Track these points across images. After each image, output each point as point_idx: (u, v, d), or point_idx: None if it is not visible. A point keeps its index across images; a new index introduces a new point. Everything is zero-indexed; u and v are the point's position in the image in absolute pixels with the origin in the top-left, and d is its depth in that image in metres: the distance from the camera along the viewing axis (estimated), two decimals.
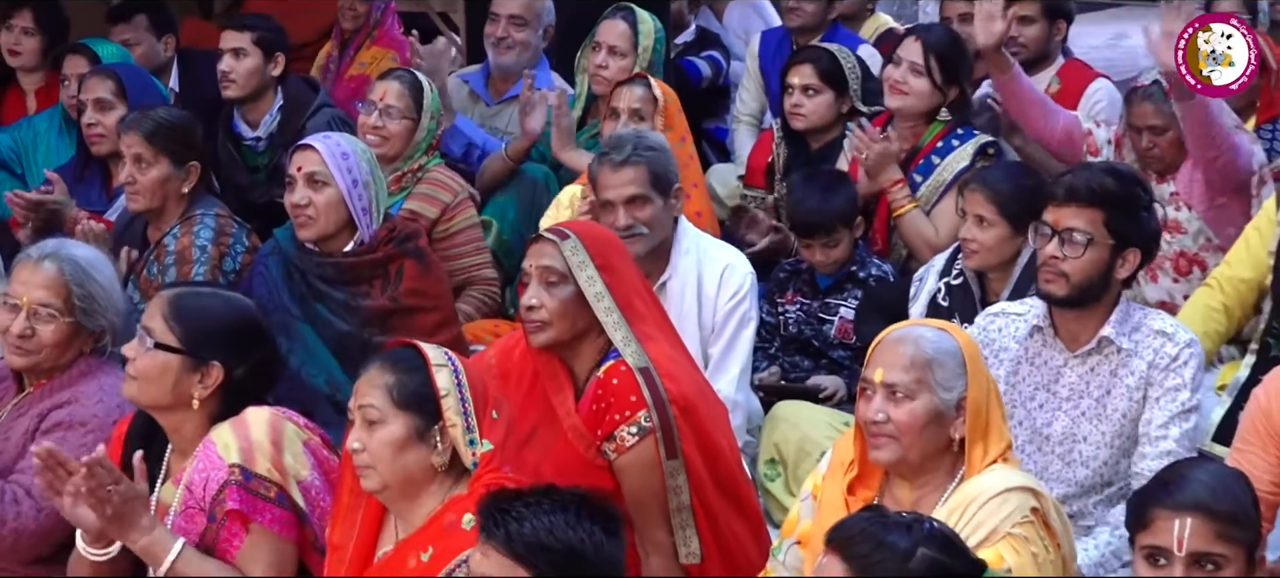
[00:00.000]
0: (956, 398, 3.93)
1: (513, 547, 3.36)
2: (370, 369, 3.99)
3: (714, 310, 5.56)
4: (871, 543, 3.22)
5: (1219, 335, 5.96)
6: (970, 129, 6.64)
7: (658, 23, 7.35)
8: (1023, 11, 7.29)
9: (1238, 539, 3.49)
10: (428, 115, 6.45)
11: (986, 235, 5.49)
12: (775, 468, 5.66)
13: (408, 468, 3.92)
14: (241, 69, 6.99)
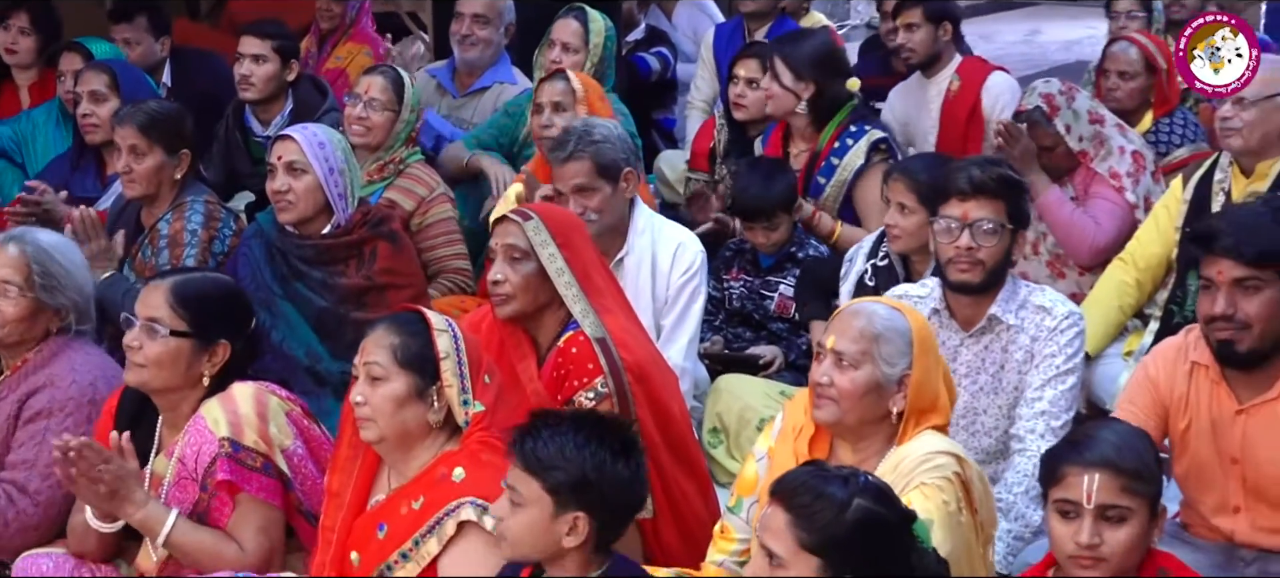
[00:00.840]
0: (898, 373, 3.95)
1: (526, 461, 3.49)
2: (377, 329, 4.03)
3: (667, 285, 5.57)
4: (811, 494, 3.25)
5: (1131, 307, 6.01)
6: (862, 127, 6.63)
7: (608, 21, 7.38)
8: (908, 20, 7.35)
9: (1141, 493, 3.51)
10: (408, 108, 6.43)
11: (908, 221, 5.53)
12: (718, 436, 5.69)
13: (405, 423, 3.95)
14: (260, 73, 6.96)
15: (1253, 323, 4.22)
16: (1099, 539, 3.48)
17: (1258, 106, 5.75)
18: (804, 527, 3.22)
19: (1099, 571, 3.50)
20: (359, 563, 3.97)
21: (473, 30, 7.58)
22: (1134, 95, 7.01)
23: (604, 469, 3.50)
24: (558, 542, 3.48)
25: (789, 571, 3.22)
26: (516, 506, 3.49)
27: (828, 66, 6.70)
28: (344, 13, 8.44)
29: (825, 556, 3.22)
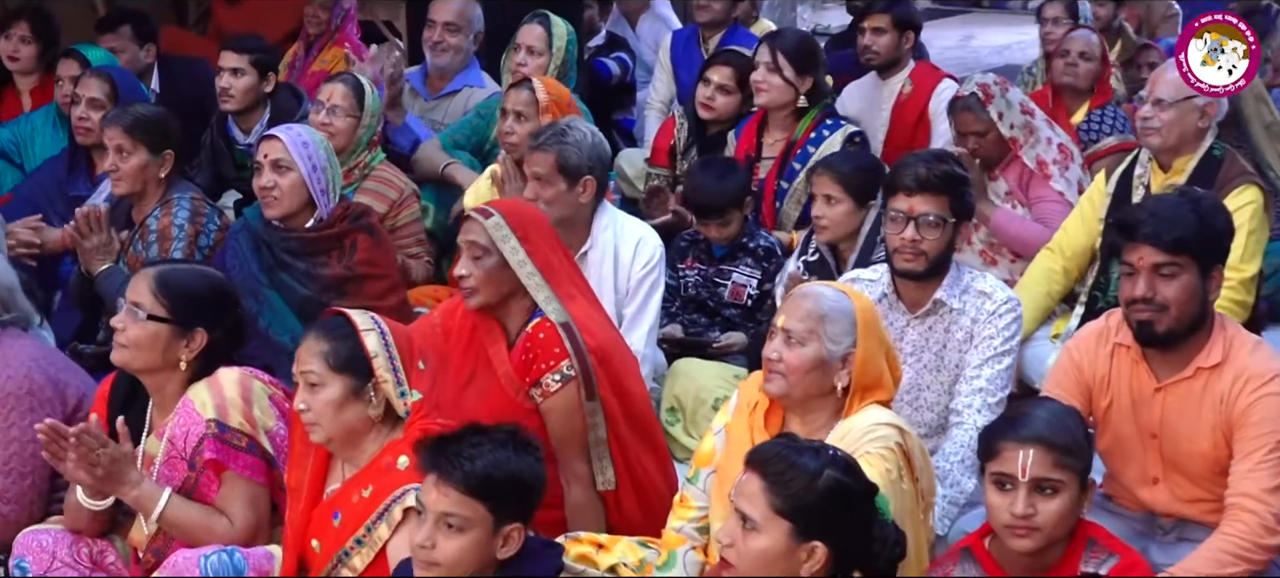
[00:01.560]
0: (843, 351, 3.98)
1: (470, 483, 3.37)
2: (308, 339, 4.02)
3: (628, 277, 5.57)
4: (785, 463, 3.27)
5: (1058, 293, 6.04)
6: (838, 120, 6.71)
7: (570, 27, 7.41)
8: (876, 24, 7.37)
9: (1072, 467, 3.54)
10: (368, 113, 6.41)
11: (834, 211, 5.57)
12: (675, 415, 5.70)
13: (348, 422, 3.95)
14: (239, 86, 6.92)
15: (1170, 306, 4.23)
16: (1033, 510, 3.50)
17: (1176, 108, 5.80)
18: (777, 493, 3.25)
19: (1032, 539, 3.52)
20: (320, 550, 3.97)
21: (444, 37, 7.58)
22: (1087, 77, 7.07)
23: (529, 470, 3.47)
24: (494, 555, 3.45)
25: (762, 533, 3.25)
26: (454, 530, 3.40)
27: (820, 62, 6.82)
28: (329, 19, 8.44)
29: (795, 521, 3.25)
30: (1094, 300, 5.83)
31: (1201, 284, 4.26)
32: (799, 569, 3.27)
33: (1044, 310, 5.99)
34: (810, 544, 3.26)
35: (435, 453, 3.43)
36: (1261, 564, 4.17)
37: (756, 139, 6.76)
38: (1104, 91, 7.25)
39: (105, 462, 4.06)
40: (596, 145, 5.60)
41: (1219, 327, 4.35)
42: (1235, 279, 5.44)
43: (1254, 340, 4.38)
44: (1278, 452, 4.21)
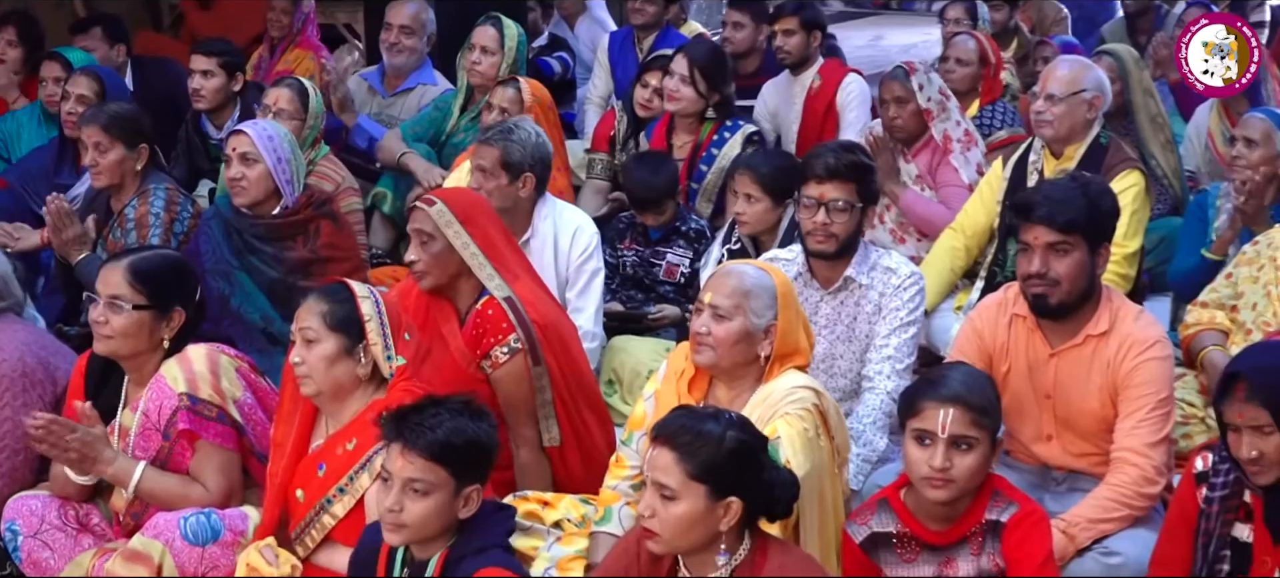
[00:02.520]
0: (765, 323, 3.98)
1: (432, 450, 3.36)
2: (309, 299, 4.02)
3: (568, 262, 5.57)
4: (692, 433, 3.26)
5: (961, 268, 6.06)
6: (737, 122, 6.76)
7: (520, 28, 7.39)
8: (786, 27, 7.39)
9: (986, 426, 3.55)
10: (312, 115, 6.36)
11: (753, 209, 5.57)
12: (613, 386, 5.71)
13: (337, 377, 3.94)
14: (209, 86, 6.86)
15: (1062, 280, 4.27)
16: (950, 464, 3.52)
17: (1066, 102, 5.84)
18: (690, 461, 3.24)
19: (948, 490, 3.54)
20: (303, 498, 3.96)
21: (400, 39, 7.57)
22: (965, 81, 7.14)
23: (485, 436, 3.46)
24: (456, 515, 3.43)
25: (681, 500, 3.24)
26: (420, 494, 3.38)
27: (729, 76, 6.85)
28: (291, 23, 8.42)
29: (710, 482, 3.24)
30: (993, 275, 5.87)
31: (1090, 260, 4.30)
32: (718, 525, 3.28)
33: (948, 285, 6.03)
34: (726, 501, 3.27)
35: (399, 423, 3.42)
36: (1143, 510, 4.21)
37: (666, 140, 6.78)
38: (992, 90, 7.29)
39: (76, 446, 4.05)
40: (539, 145, 5.58)
41: (1106, 298, 4.39)
42: (1120, 255, 5.49)
43: (1137, 310, 4.43)
44: (1158, 410, 4.26)
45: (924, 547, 3.61)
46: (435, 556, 3.44)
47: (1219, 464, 3.68)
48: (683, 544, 3.29)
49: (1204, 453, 3.75)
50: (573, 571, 4.17)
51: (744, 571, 3.29)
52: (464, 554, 3.41)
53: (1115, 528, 4.18)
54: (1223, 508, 3.66)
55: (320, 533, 3.95)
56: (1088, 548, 4.17)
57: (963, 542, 3.60)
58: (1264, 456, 3.51)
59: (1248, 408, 3.51)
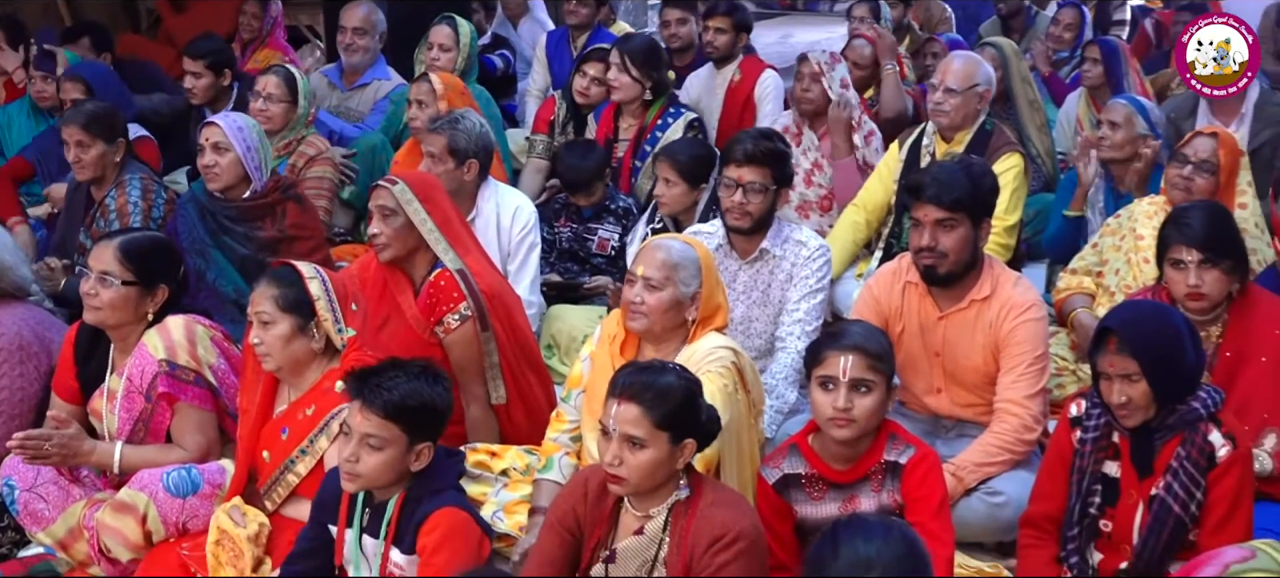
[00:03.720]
0: (691, 291, 3.99)
1: (388, 410, 3.34)
2: (261, 285, 3.98)
3: (509, 238, 5.55)
4: (654, 388, 3.25)
5: (862, 241, 6.09)
6: (680, 109, 6.73)
7: (471, 27, 7.39)
8: (718, 25, 7.38)
9: (882, 371, 3.56)
10: (302, 97, 6.33)
11: (672, 192, 5.55)
12: (552, 351, 5.69)
13: (294, 353, 3.91)
14: (200, 85, 6.83)
15: (949, 252, 4.30)
16: (851, 405, 3.52)
17: (961, 95, 5.89)
18: (654, 411, 3.22)
19: (850, 429, 3.54)
20: (269, 459, 3.94)
21: (354, 40, 7.52)
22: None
23: (439, 399, 3.44)
24: (408, 468, 3.41)
25: (649, 446, 3.22)
26: (375, 449, 3.35)
27: (661, 62, 6.83)
28: (261, 25, 8.38)
29: (671, 429, 3.24)
30: (890, 247, 5.90)
31: (974, 234, 4.33)
32: (676, 465, 3.28)
33: (851, 255, 6.05)
34: (684, 442, 3.28)
35: (360, 383, 3.40)
36: (1023, 454, 4.26)
37: (614, 124, 6.76)
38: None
39: (56, 450, 4.03)
40: (483, 134, 5.56)
41: (988, 266, 4.43)
42: (1001, 228, 5.53)
43: (1015, 277, 4.47)
44: (1036, 366, 4.30)
45: (830, 486, 3.63)
46: (393, 498, 3.44)
47: (1091, 409, 3.72)
48: (647, 486, 3.28)
49: (1078, 400, 3.78)
50: (518, 513, 4.18)
51: (684, 505, 3.30)
52: (421, 495, 3.41)
53: (999, 471, 4.23)
54: (1094, 448, 3.70)
55: (286, 490, 3.93)
56: (974, 489, 4.22)
57: (864, 480, 3.62)
58: (1132, 401, 3.56)
59: (1118, 359, 3.55)
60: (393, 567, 3.41)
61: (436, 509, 3.36)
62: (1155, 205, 5.24)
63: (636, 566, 3.32)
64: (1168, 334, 3.58)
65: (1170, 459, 3.58)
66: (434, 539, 3.31)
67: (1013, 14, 10.06)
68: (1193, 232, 4.24)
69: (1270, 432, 4.17)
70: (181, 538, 3.97)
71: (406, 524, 3.39)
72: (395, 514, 3.41)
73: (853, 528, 2.70)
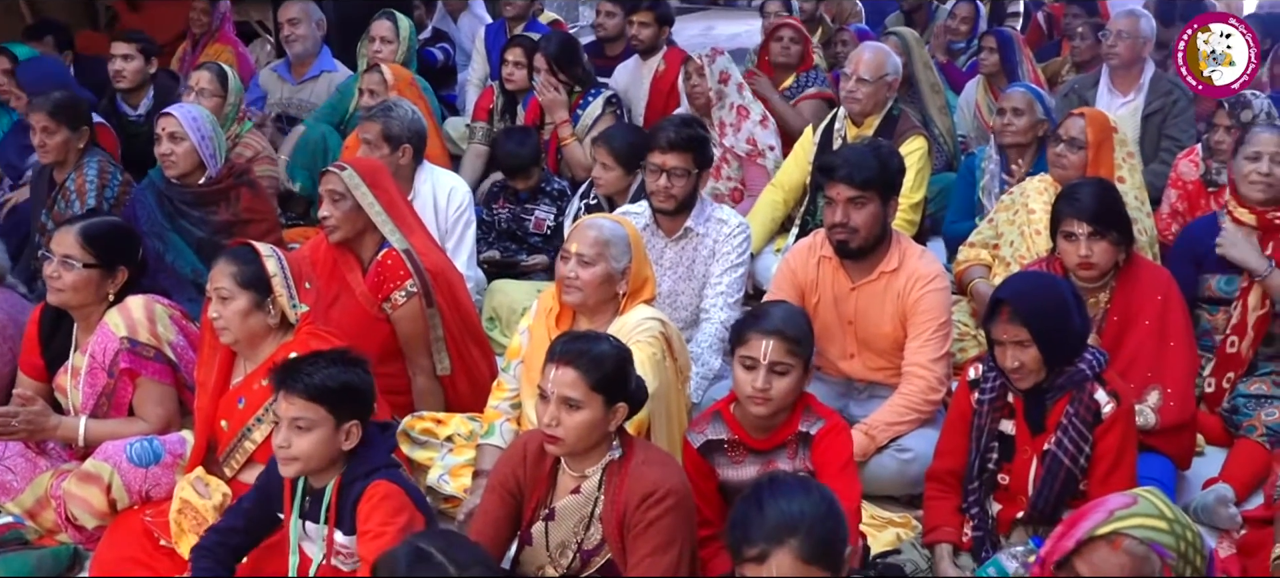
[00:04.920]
0: (622, 267, 3.99)
1: (309, 392, 3.28)
2: (220, 262, 3.91)
3: (446, 218, 5.51)
4: (589, 354, 3.23)
5: (780, 218, 6.11)
6: (598, 89, 6.76)
7: (411, 21, 7.34)
8: (642, 20, 7.37)
9: (800, 354, 3.54)
10: (232, 92, 6.27)
11: (609, 175, 5.55)
12: (494, 322, 5.66)
13: (250, 327, 3.86)
14: (130, 69, 6.73)
15: (860, 228, 4.33)
16: (769, 385, 3.52)
17: (872, 84, 5.92)
18: (591, 375, 3.20)
19: (768, 406, 3.54)
20: (227, 428, 3.89)
21: (291, 30, 7.50)
22: (794, 57, 7.23)
23: (357, 379, 3.37)
24: (340, 448, 3.35)
25: (585, 408, 3.20)
26: (303, 430, 3.29)
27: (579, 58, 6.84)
28: (211, 21, 8.27)
29: (606, 392, 3.23)
30: (805, 223, 5.93)
31: (883, 211, 4.35)
32: (609, 426, 3.27)
33: (770, 231, 6.08)
34: (617, 406, 3.27)
35: (283, 373, 3.34)
36: (929, 413, 4.30)
37: (540, 112, 6.77)
38: (805, 64, 7.37)
39: (22, 427, 3.99)
40: (415, 121, 5.53)
41: (896, 241, 4.45)
42: (907, 205, 5.58)
43: (920, 250, 4.50)
44: (940, 332, 4.34)
45: (750, 451, 3.64)
46: (330, 483, 3.38)
47: (988, 372, 3.75)
48: (582, 446, 3.26)
49: (976, 364, 3.82)
50: (463, 476, 4.16)
51: (617, 464, 3.30)
52: (355, 478, 3.34)
53: (907, 429, 4.27)
54: (991, 408, 3.74)
55: (243, 456, 3.89)
56: (885, 446, 4.25)
57: (781, 447, 3.63)
58: (1024, 365, 3.60)
59: (1011, 327, 3.59)
60: (338, 547, 3.38)
61: (370, 484, 3.31)
62: (1044, 183, 5.31)
63: (574, 522, 3.32)
64: (1054, 303, 3.62)
65: (1060, 417, 3.63)
66: (367, 508, 3.28)
67: (915, 9, 10.14)
68: (1083, 206, 4.29)
69: (1154, 389, 4.24)
70: (145, 505, 3.93)
71: (344, 506, 3.35)
72: (334, 498, 3.37)
73: (777, 487, 2.71)
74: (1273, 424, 4.34)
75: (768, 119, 6.55)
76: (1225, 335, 4.69)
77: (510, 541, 3.41)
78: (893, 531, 4.08)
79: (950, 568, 3.69)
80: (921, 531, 3.90)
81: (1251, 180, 4.68)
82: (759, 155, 6.42)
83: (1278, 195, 4.68)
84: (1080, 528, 2.71)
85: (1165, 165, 6.23)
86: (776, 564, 2.61)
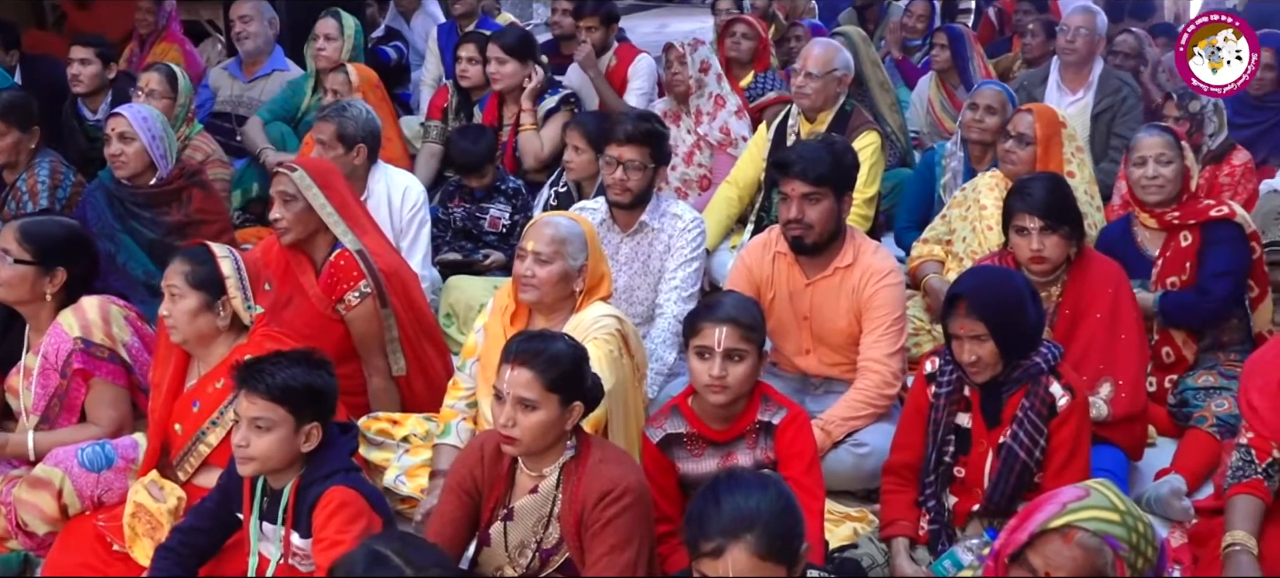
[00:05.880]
0: (579, 264, 3.98)
1: (272, 392, 3.26)
2: (175, 260, 3.89)
3: (400, 217, 5.49)
4: (545, 354, 3.22)
5: (735, 214, 6.12)
6: (555, 88, 6.78)
7: (356, 20, 7.30)
8: (588, 25, 7.36)
9: (753, 340, 3.56)
10: (182, 93, 6.21)
11: (580, 158, 5.57)
12: (450, 319, 5.65)
13: (200, 328, 3.83)
14: (87, 73, 6.67)
15: (815, 224, 4.34)
16: (725, 373, 3.53)
17: (821, 79, 5.94)
18: (546, 375, 3.19)
19: (725, 395, 3.55)
20: (181, 431, 3.86)
21: (243, 27, 7.43)
22: (746, 52, 7.23)
23: (320, 381, 3.36)
24: (299, 449, 3.33)
25: (541, 408, 3.18)
26: (263, 430, 3.27)
27: (535, 50, 6.82)
28: (157, 20, 8.20)
29: (562, 391, 3.22)
30: (761, 220, 5.94)
31: (837, 206, 4.37)
32: (565, 426, 3.26)
33: (725, 228, 6.09)
34: (573, 405, 3.26)
35: (245, 372, 3.32)
36: (885, 408, 4.32)
37: (498, 112, 6.74)
38: (763, 61, 7.38)
39: None
40: (369, 121, 5.51)
41: (850, 236, 4.47)
42: (861, 200, 5.60)
43: (875, 245, 4.52)
44: (894, 327, 4.36)
45: (709, 443, 3.65)
46: (288, 484, 3.36)
47: (944, 366, 3.77)
48: (539, 446, 3.25)
49: (932, 357, 3.84)
50: (420, 477, 4.14)
51: (573, 463, 3.29)
52: (313, 481, 3.32)
53: (863, 423, 4.29)
54: (948, 402, 3.76)
55: (198, 460, 3.86)
56: (841, 441, 4.27)
57: (740, 438, 3.64)
58: (981, 359, 3.62)
59: (968, 322, 3.61)
60: (295, 549, 3.36)
61: (326, 490, 3.29)
62: (996, 179, 5.35)
63: (532, 522, 3.31)
64: (1011, 297, 3.64)
65: (1016, 410, 3.65)
66: (324, 516, 3.26)
67: (867, 5, 10.19)
68: (1035, 201, 4.32)
69: (1105, 381, 4.28)
70: (98, 510, 3.88)
71: (302, 508, 3.33)
72: (291, 499, 3.35)
73: (733, 483, 2.71)
74: (1222, 415, 4.39)
75: (743, 110, 6.58)
76: (1156, 345, 4.75)
77: (468, 541, 3.39)
78: (850, 525, 4.09)
79: (907, 562, 3.71)
80: (878, 525, 3.91)
81: (1142, 185, 4.79)
82: (731, 144, 6.45)
83: (1169, 195, 4.77)
84: (1033, 521, 2.73)
85: (1115, 163, 6.30)
86: (732, 560, 2.61)
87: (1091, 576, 2.67)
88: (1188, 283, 4.73)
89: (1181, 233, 4.76)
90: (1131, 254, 4.79)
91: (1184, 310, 4.71)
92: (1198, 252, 4.73)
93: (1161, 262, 4.77)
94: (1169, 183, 4.75)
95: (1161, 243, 4.80)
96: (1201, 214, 4.74)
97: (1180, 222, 4.75)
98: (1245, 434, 3.70)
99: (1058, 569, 2.69)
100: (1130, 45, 7.55)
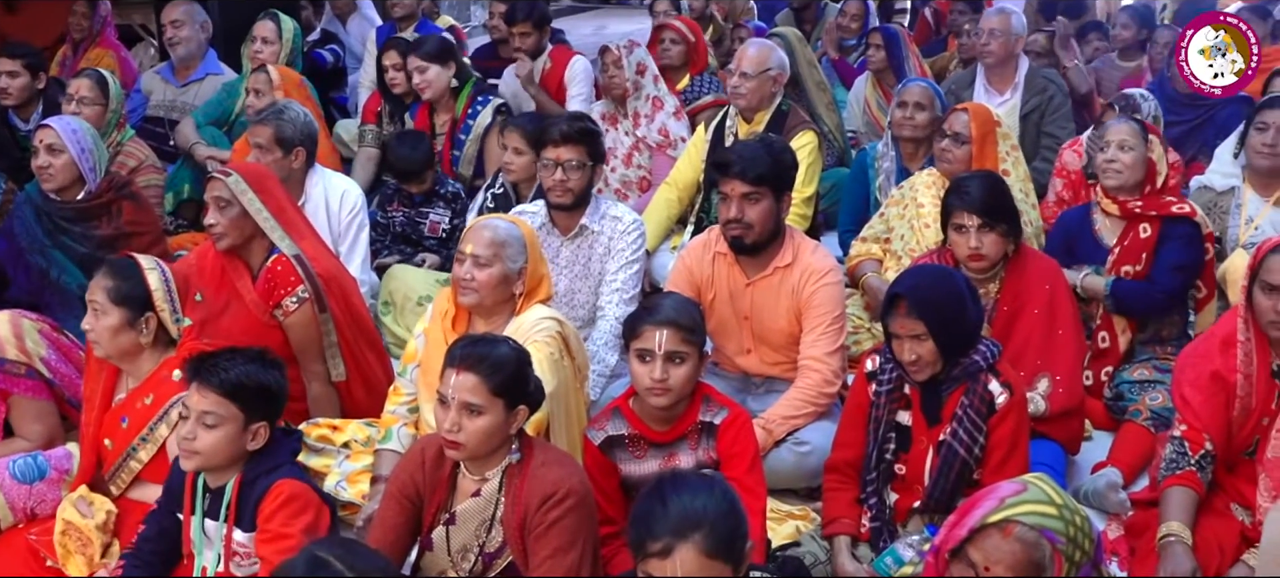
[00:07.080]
0: (518, 268, 3.96)
1: (224, 387, 3.25)
2: (98, 275, 3.85)
3: (338, 221, 5.45)
4: (490, 358, 3.19)
5: (675, 216, 6.14)
6: (486, 97, 6.75)
7: (294, 22, 7.26)
8: (522, 31, 7.33)
9: (694, 342, 3.56)
10: (113, 99, 6.13)
11: (519, 160, 5.55)
12: (388, 308, 5.64)
13: (122, 344, 3.79)
14: (16, 85, 6.58)
15: (754, 224, 4.36)
16: (667, 375, 3.53)
17: (756, 78, 5.96)
18: (491, 379, 3.16)
19: (667, 397, 3.55)
20: (111, 446, 3.81)
21: (174, 32, 7.36)
22: (676, 57, 7.24)
23: (273, 382, 3.34)
24: (244, 448, 3.31)
25: (487, 412, 3.16)
26: (211, 427, 3.26)
27: (455, 53, 6.81)
28: (91, 25, 8.08)
29: (506, 396, 3.20)
30: (701, 220, 5.96)
31: (776, 206, 4.39)
32: (510, 429, 3.25)
33: (666, 229, 6.10)
34: (518, 409, 3.25)
35: (199, 364, 3.30)
36: (825, 406, 4.35)
37: (429, 120, 6.73)
38: (699, 64, 7.40)
39: None
40: (307, 123, 5.46)
41: (790, 236, 4.49)
42: (799, 199, 5.63)
43: (814, 245, 4.54)
44: (834, 325, 4.39)
45: (651, 445, 3.65)
46: (231, 480, 3.34)
47: (884, 364, 3.80)
48: (484, 450, 3.23)
49: (873, 356, 3.86)
50: (361, 483, 4.11)
51: (516, 466, 3.28)
52: (257, 476, 3.31)
53: (804, 422, 4.31)
54: (888, 399, 3.78)
55: (129, 476, 3.81)
56: (783, 440, 4.28)
57: (682, 439, 3.64)
58: (921, 357, 3.65)
59: (908, 321, 3.63)
60: (236, 546, 3.33)
61: (273, 483, 3.28)
62: (933, 177, 5.40)
63: (475, 526, 3.30)
64: (950, 297, 3.67)
65: (955, 408, 3.68)
66: (271, 507, 3.24)
67: (804, 7, 10.24)
68: (972, 199, 4.37)
69: (1043, 377, 4.33)
70: (30, 523, 3.82)
71: (245, 504, 3.31)
72: (234, 496, 3.32)
73: (678, 484, 2.72)
74: (1157, 408, 4.46)
75: (681, 111, 6.60)
76: (1095, 329, 4.82)
77: (411, 546, 3.37)
78: (792, 523, 4.11)
79: (849, 560, 3.73)
80: (820, 523, 3.93)
81: (1103, 168, 4.89)
82: (670, 146, 6.47)
83: (1127, 182, 4.86)
84: (972, 516, 2.76)
85: (1047, 162, 6.38)
86: (680, 560, 2.62)
87: (1030, 570, 2.70)
88: (1141, 274, 4.82)
89: (1141, 224, 4.85)
90: (1088, 241, 4.88)
91: (1135, 297, 4.80)
92: (1155, 245, 4.81)
93: (1118, 250, 4.85)
94: (1127, 169, 4.84)
95: (1119, 232, 4.88)
96: (1163, 208, 4.84)
97: (1141, 211, 4.83)
98: (1179, 427, 3.77)
99: (997, 564, 2.71)
100: (1041, 44, 7.68)
